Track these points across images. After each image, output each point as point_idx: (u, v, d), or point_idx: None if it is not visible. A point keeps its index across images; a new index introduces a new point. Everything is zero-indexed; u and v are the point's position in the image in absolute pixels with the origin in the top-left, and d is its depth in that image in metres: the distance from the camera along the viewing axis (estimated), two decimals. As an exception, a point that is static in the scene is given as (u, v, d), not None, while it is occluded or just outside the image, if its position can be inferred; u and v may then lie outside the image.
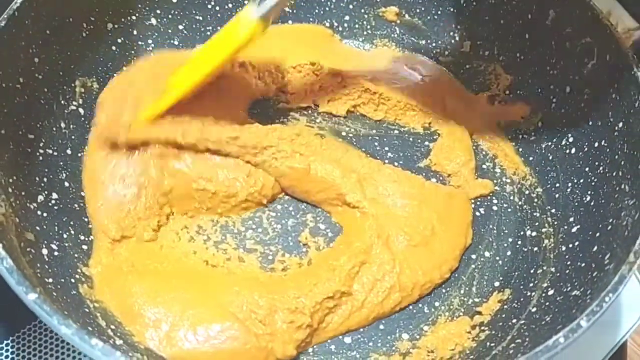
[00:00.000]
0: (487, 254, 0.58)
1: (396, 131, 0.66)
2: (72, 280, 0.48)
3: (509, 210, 0.61)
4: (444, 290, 0.56)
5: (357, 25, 0.72)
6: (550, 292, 0.50)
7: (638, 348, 0.62)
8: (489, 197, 0.62)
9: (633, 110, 0.50)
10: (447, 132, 0.65)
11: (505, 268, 0.57)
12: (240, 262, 0.56)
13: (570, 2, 0.57)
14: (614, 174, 0.51)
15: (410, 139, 0.66)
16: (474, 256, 0.58)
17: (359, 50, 0.72)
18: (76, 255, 0.51)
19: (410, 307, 0.54)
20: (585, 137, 0.56)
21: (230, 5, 0.69)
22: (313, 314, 0.50)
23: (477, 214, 0.61)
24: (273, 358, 0.48)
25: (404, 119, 0.66)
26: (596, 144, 0.54)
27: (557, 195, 0.58)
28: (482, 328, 0.52)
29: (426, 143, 0.65)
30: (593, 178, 0.54)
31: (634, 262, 0.41)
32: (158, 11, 0.65)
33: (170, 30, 0.67)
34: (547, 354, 0.37)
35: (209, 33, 0.69)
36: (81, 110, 0.59)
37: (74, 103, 0.58)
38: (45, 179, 0.53)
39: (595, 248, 0.49)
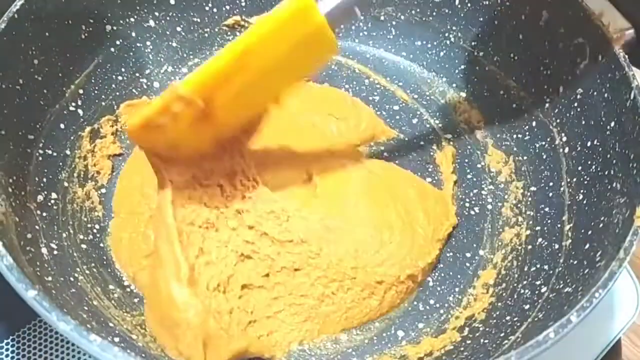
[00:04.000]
0: (481, 252, 0.58)
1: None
2: (72, 279, 0.49)
3: (503, 209, 0.62)
4: (439, 289, 0.56)
5: (352, 27, 0.72)
6: (543, 290, 0.50)
7: (632, 345, 0.63)
8: (483, 196, 0.62)
9: (625, 110, 0.50)
10: None
11: (500, 266, 0.57)
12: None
13: (563, 3, 0.57)
14: (607, 172, 0.51)
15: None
16: (468, 255, 0.58)
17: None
18: (75, 254, 0.52)
19: (406, 304, 0.55)
20: (578, 137, 0.56)
21: (227, 7, 0.70)
22: None
23: (472, 212, 0.61)
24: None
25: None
26: (589, 144, 0.55)
27: (550, 194, 0.58)
28: (476, 325, 0.52)
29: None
30: (586, 177, 0.54)
31: (624, 258, 0.42)
32: (156, 13, 0.66)
33: (168, 32, 0.67)
34: (537, 349, 0.38)
35: (206, 35, 0.70)
36: (80, 112, 0.59)
37: (73, 104, 0.59)
38: (44, 179, 0.54)
39: (588, 246, 0.49)
